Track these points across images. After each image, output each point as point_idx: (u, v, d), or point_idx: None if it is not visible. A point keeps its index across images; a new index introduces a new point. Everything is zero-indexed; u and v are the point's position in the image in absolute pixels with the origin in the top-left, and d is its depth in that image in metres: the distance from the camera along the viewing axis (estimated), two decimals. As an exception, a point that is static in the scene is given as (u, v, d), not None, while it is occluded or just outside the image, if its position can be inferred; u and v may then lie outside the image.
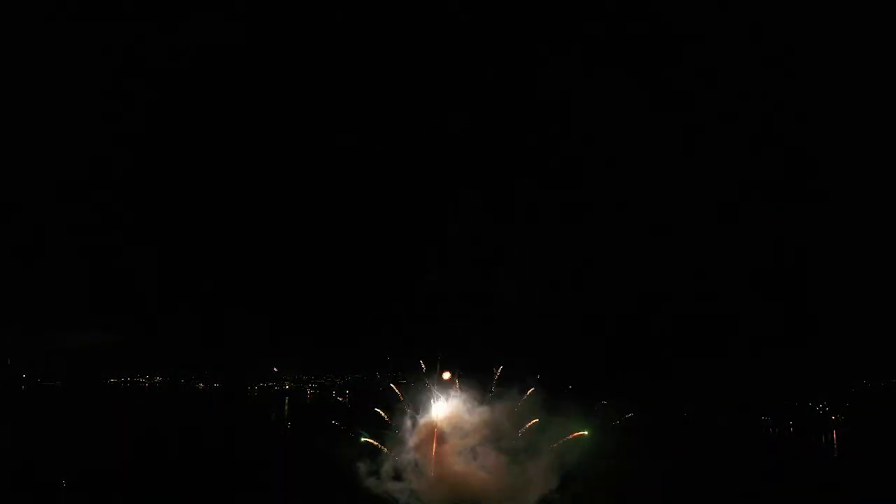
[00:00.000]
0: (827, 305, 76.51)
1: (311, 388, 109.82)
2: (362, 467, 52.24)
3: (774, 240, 73.01)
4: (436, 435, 51.73)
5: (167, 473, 62.70)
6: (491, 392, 52.84)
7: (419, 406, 53.17)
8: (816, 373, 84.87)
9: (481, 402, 52.79)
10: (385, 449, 51.55)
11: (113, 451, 70.61)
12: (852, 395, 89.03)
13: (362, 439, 52.63)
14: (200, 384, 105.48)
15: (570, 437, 50.29)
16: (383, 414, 53.11)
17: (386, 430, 52.87)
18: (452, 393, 53.18)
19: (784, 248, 73.10)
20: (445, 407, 52.83)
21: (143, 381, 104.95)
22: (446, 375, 53.20)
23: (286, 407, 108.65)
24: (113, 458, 67.54)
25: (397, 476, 51.59)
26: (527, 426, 51.46)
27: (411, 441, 51.96)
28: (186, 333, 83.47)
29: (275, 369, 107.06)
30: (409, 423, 52.61)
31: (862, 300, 75.81)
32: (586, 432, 50.53)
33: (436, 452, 51.46)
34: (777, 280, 73.92)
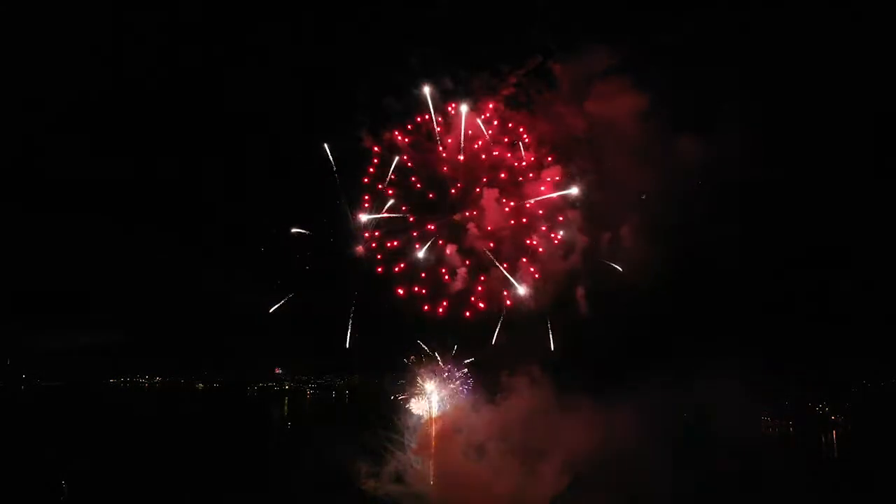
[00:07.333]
0: (825, 304, 76.29)
1: (311, 388, 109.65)
2: (362, 468, 52.06)
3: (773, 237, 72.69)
4: (439, 434, 51.57)
5: (166, 473, 62.76)
6: (499, 389, 52.45)
7: (422, 404, 53.03)
8: (816, 373, 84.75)
9: (489, 400, 52.49)
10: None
11: (112, 450, 70.69)
12: (852, 395, 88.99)
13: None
14: (200, 384, 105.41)
15: (580, 436, 50.17)
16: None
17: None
18: (458, 390, 52.99)
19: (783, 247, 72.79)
20: (450, 405, 52.65)
21: (142, 381, 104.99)
22: (453, 371, 53.07)
23: (286, 407, 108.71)
24: (113, 457, 67.64)
25: (399, 478, 51.36)
26: (536, 424, 51.18)
27: (413, 441, 51.81)
28: (186, 333, 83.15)
29: (277, 370, 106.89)
30: (411, 421, 52.52)
31: (862, 299, 75.65)
32: (596, 431, 50.41)
33: (440, 452, 51.23)
34: (778, 279, 73.72)
